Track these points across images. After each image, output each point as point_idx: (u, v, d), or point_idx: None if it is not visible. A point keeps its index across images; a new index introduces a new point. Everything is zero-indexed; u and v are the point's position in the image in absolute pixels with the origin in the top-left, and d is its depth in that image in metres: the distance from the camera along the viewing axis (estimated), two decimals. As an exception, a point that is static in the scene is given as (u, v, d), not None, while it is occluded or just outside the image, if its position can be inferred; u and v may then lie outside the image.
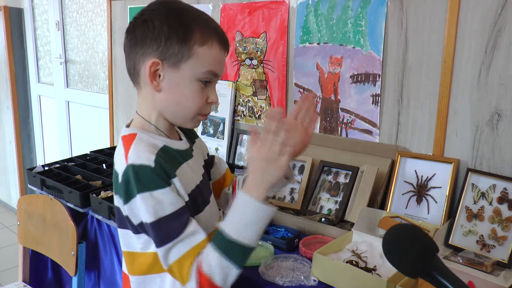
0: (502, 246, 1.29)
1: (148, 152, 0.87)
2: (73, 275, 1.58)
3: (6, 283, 2.07)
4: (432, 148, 1.54)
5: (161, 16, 0.89)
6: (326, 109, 1.80)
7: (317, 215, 1.57)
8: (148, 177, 0.85)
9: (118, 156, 0.92)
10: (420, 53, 1.52)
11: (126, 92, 2.71)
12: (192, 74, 0.90)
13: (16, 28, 3.58)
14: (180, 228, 0.86)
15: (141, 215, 0.87)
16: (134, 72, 0.95)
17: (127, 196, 0.87)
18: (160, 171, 0.86)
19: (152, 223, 0.85)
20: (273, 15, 1.90)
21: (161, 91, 0.92)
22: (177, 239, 0.85)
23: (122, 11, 2.62)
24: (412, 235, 0.75)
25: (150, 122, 0.96)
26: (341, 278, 1.18)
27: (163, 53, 0.89)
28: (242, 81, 2.06)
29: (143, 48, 0.90)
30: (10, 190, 3.91)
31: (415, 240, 0.74)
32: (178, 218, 0.86)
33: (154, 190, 0.85)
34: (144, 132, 0.94)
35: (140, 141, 0.90)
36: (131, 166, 0.86)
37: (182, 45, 0.88)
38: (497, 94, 1.39)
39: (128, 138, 0.93)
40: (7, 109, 3.72)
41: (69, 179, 1.89)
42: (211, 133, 2.20)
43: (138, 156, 0.87)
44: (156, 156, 0.87)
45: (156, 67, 0.90)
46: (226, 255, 0.84)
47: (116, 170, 0.91)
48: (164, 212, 0.85)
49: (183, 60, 0.89)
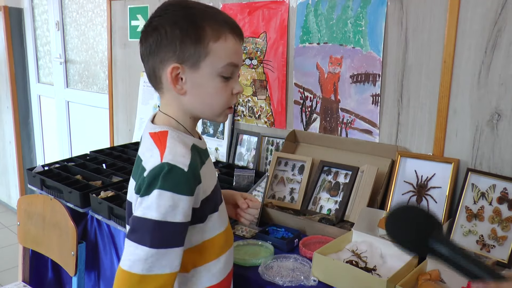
0: (502, 246, 1.29)
1: (184, 155, 0.87)
2: (73, 275, 1.58)
3: (6, 283, 2.07)
4: (432, 148, 1.54)
5: (170, 20, 0.89)
6: (326, 109, 1.80)
7: (317, 215, 1.57)
8: (178, 178, 0.84)
9: (150, 153, 0.90)
10: (420, 53, 1.52)
11: (126, 92, 2.71)
12: (213, 71, 0.91)
13: (16, 28, 3.58)
14: (179, 240, 0.86)
15: (141, 211, 0.84)
16: (156, 79, 0.94)
17: (148, 188, 0.84)
18: (191, 177, 0.86)
19: (154, 221, 0.83)
20: (273, 15, 1.90)
21: (186, 94, 0.93)
22: (173, 248, 0.84)
23: (122, 11, 2.62)
24: (414, 210, 0.78)
25: (178, 120, 0.96)
26: (341, 278, 1.18)
27: (181, 57, 0.89)
28: (242, 81, 2.06)
29: (160, 55, 0.90)
30: (10, 190, 3.91)
31: (418, 214, 0.76)
32: (180, 230, 0.86)
33: (177, 193, 0.84)
34: (174, 130, 0.94)
35: (174, 140, 0.90)
36: (166, 163, 0.85)
37: (197, 45, 0.88)
38: (497, 94, 1.39)
39: (160, 135, 0.92)
40: (7, 109, 3.72)
41: (69, 179, 1.89)
42: (211, 133, 2.20)
43: (175, 157, 0.86)
44: (191, 159, 0.87)
45: (177, 71, 0.90)
46: None
47: (144, 166, 0.89)
48: (174, 218, 0.84)
49: (201, 59, 0.89)
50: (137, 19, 2.53)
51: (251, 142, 2.07)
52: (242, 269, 1.28)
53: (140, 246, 0.83)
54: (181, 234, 0.87)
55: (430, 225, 0.74)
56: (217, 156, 2.16)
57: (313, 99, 1.83)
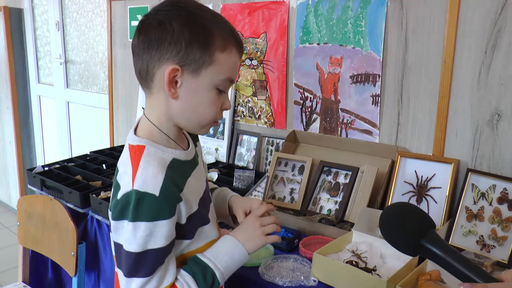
0: (502, 246, 1.29)
1: (155, 177, 0.83)
2: (73, 275, 1.58)
3: (6, 283, 2.07)
4: (432, 148, 1.54)
5: (180, 18, 0.83)
6: (326, 109, 1.80)
7: (317, 215, 1.57)
8: (149, 206, 0.82)
9: (124, 168, 0.87)
10: (420, 53, 1.52)
11: (126, 92, 2.71)
12: (211, 81, 0.86)
13: (16, 28, 3.58)
14: (159, 263, 0.85)
15: (122, 241, 0.85)
16: (147, 76, 0.88)
17: (120, 216, 0.84)
18: (164, 200, 0.83)
19: (136, 253, 0.83)
20: (273, 15, 1.90)
21: (177, 98, 0.87)
22: (155, 275, 0.84)
23: (122, 11, 2.62)
24: (408, 208, 0.78)
25: (161, 129, 0.91)
26: (341, 279, 1.18)
27: (184, 59, 0.83)
28: (242, 82, 2.06)
29: (160, 52, 0.84)
30: (10, 190, 3.91)
31: (410, 213, 0.76)
32: (163, 253, 0.85)
33: (151, 220, 0.82)
34: (153, 144, 0.89)
35: (148, 159, 0.86)
36: (135, 192, 0.81)
37: (203, 51, 0.83)
38: (497, 94, 1.39)
39: (136, 150, 0.87)
40: (7, 110, 3.72)
41: (69, 179, 1.89)
42: (211, 133, 2.20)
43: (145, 182, 0.82)
44: (164, 181, 0.83)
45: (175, 73, 0.84)
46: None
47: (119, 182, 0.87)
48: (153, 245, 0.83)
49: (203, 66, 0.84)
50: (137, 19, 2.53)
51: (251, 142, 2.07)
52: (242, 269, 1.27)
53: (134, 279, 0.84)
54: (167, 254, 0.87)
55: (423, 225, 0.74)
56: (217, 157, 2.16)
57: (313, 99, 1.83)
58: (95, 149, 2.35)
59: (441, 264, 0.71)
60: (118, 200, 0.84)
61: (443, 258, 0.71)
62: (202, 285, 0.88)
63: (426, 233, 0.73)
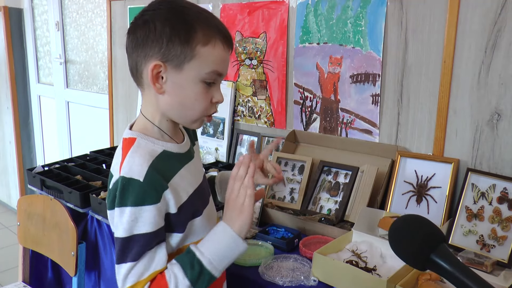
0: (502, 246, 1.29)
1: (141, 164, 0.86)
2: (73, 275, 1.58)
3: (6, 283, 2.07)
4: (432, 148, 1.54)
5: (162, 16, 0.87)
6: (326, 109, 1.80)
7: (317, 215, 1.57)
8: (134, 191, 0.84)
9: (116, 160, 0.92)
10: (420, 53, 1.52)
11: (126, 92, 2.71)
12: (196, 75, 0.88)
13: (16, 28, 3.58)
14: (146, 249, 0.86)
15: (114, 229, 0.89)
16: (137, 73, 0.93)
17: (111, 204, 0.88)
18: (148, 186, 0.85)
19: (122, 238, 0.85)
20: (273, 15, 1.90)
21: (164, 93, 0.90)
22: (141, 260, 0.85)
23: (122, 11, 2.62)
24: (419, 222, 0.75)
25: (154, 123, 0.95)
26: (341, 278, 1.18)
27: (166, 55, 0.87)
28: (242, 81, 2.06)
29: (145, 50, 0.88)
30: (10, 190, 3.91)
31: (421, 226, 0.73)
32: (149, 239, 0.86)
33: (136, 205, 0.84)
34: (144, 137, 0.93)
35: (137, 149, 0.89)
36: (121, 178, 0.85)
37: (184, 46, 0.86)
38: (497, 94, 1.39)
39: (127, 142, 0.92)
40: (7, 110, 3.72)
41: (69, 179, 1.89)
42: (211, 133, 2.20)
43: (131, 169, 0.86)
44: (148, 168, 0.86)
45: (159, 69, 0.88)
46: (195, 285, 0.86)
47: (112, 172, 0.93)
48: (139, 230, 0.85)
49: (186, 61, 0.87)
50: (137, 19, 2.53)
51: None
52: (242, 269, 1.28)
53: (122, 265, 0.85)
54: (155, 241, 0.87)
55: (433, 238, 0.72)
56: (217, 156, 2.16)
57: (313, 99, 1.83)
58: (95, 149, 2.35)
59: (451, 280, 0.69)
60: (110, 190, 0.89)
61: (453, 274, 0.69)
62: (189, 272, 0.87)
63: (436, 248, 0.71)
